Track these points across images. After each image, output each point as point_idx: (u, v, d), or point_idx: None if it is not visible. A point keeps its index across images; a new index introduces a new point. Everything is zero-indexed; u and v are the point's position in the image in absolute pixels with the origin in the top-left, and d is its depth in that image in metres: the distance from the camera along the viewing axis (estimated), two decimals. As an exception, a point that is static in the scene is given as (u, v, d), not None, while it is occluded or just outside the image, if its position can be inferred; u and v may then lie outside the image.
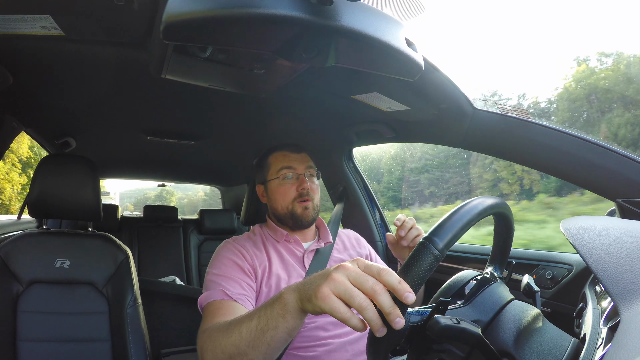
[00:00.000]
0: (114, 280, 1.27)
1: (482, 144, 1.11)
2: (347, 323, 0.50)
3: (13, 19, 0.73)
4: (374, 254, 1.26)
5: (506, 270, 0.75)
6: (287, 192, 1.08)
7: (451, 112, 1.06)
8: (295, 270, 1.05)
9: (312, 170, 1.12)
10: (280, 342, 0.61)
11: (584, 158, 0.90)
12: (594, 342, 0.51)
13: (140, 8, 0.70)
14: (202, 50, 0.81)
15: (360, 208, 1.77)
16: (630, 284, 0.39)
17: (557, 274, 1.06)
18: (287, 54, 0.67)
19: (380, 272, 0.50)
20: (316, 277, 0.55)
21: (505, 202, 0.64)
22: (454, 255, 1.39)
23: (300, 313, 0.58)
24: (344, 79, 1.02)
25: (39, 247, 1.23)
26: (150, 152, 2.16)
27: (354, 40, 0.63)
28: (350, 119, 1.38)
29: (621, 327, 0.35)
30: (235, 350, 0.65)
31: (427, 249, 0.49)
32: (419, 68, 0.74)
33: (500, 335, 0.56)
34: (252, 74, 0.93)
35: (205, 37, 0.61)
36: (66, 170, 1.25)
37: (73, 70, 1.03)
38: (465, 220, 0.53)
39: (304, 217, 1.08)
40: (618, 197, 0.87)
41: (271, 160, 1.14)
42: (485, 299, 0.61)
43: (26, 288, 1.18)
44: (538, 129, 0.96)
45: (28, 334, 1.15)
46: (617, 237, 0.49)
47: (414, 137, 1.36)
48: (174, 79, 0.95)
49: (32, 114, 1.40)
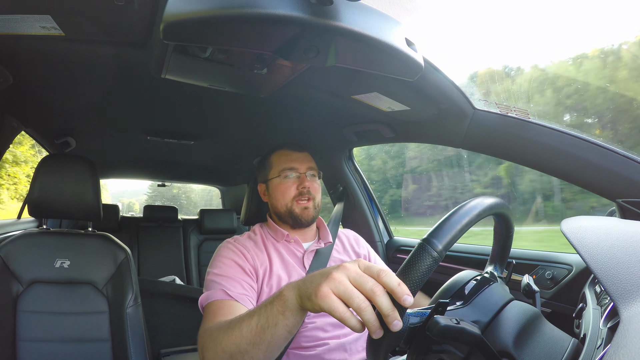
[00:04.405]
0: (114, 280, 1.27)
1: (482, 144, 1.11)
2: (345, 323, 0.50)
3: (13, 19, 0.73)
4: (373, 254, 1.26)
5: (506, 270, 0.75)
6: (288, 190, 1.09)
7: (451, 112, 1.06)
8: (296, 270, 1.05)
9: (313, 170, 1.13)
10: (280, 339, 0.61)
11: (584, 158, 0.90)
12: (594, 342, 0.51)
13: (140, 8, 0.69)
14: (202, 50, 0.81)
15: (360, 208, 1.77)
16: (630, 284, 0.39)
17: (557, 274, 1.06)
18: (287, 54, 0.67)
19: (380, 274, 0.50)
20: (316, 276, 0.55)
21: (504, 202, 0.64)
22: (454, 256, 1.39)
23: (300, 311, 0.58)
24: (344, 79, 1.02)
25: (39, 247, 1.23)
26: (150, 152, 2.17)
27: (354, 40, 0.63)
28: (350, 119, 1.38)
29: (621, 327, 0.35)
30: (236, 348, 0.65)
31: (426, 251, 0.49)
32: (419, 68, 0.74)
33: (500, 336, 0.56)
34: (252, 74, 0.93)
35: (205, 37, 0.61)
36: (66, 170, 1.25)
37: (73, 70, 1.03)
38: (464, 222, 0.53)
39: (302, 217, 1.08)
40: (618, 197, 0.87)
41: (273, 159, 1.14)
42: (485, 299, 0.61)
43: (26, 288, 1.18)
44: (538, 129, 0.96)
45: (28, 333, 1.15)
46: (617, 238, 0.49)
47: (413, 137, 1.36)
48: (174, 79, 0.95)
49: (32, 114, 1.40)
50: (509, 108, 1.01)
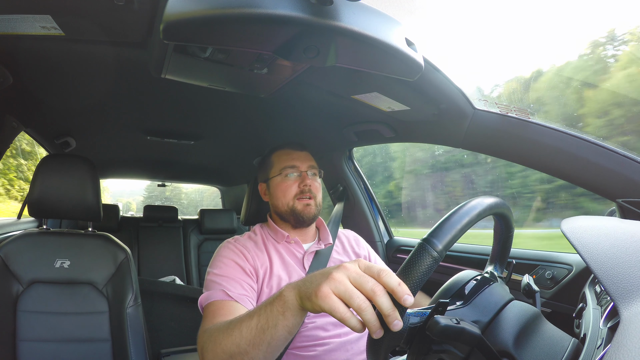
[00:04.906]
0: (114, 280, 1.27)
1: (482, 144, 1.11)
2: (345, 323, 0.50)
3: (13, 19, 0.73)
4: (373, 255, 1.26)
5: (506, 270, 0.75)
6: (289, 188, 1.09)
7: (451, 112, 1.06)
8: (296, 271, 1.05)
9: (314, 169, 1.13)
10: (280, 340, 0.61)
11: (584, 158, 0.90)
12: (594, 342, 0.51)
13: (140, 8, 0.70)
14: (202, 50, 0.81)
15: (360, 208, 1.77)
16: (630, 284, 0.39)
17: (557, 274, 1.06)
18: (287, 54, 0.67)
19: (380, 274, 0.50)
20: (317, 276, 0.55)
21: (504, 202, 0.64)
22: (454, 256, 1.39)
23: (300, 311, 0.58)
24: (344, 79, 1.02)
25: (39, 247, 1.23)
26: (150, 152, 2.17)
27: (354, 40, 0.63)
28: (350, 119, 1.38)
29: (621, 327, 0.35)
30: (236, 349, 0.65)
31: (426, 251, 0.49)
32: (419, 68, 0.74)
33: (500, 336, 0.56)
34: (252, 74, 0.93)
35: (205, 37, 0.61)
36: (66, 170, 1.25)
37: (73, 70, 1.03)
38: (464, 221, 0.53)
39: (305, 214, 1.08)
40: (618, 197, 0.87)
41: (274, 158, 1.15)
42: (485, 299, 0.61)
43: (26, 288, 1.18)
44: (538, 129, 0.96)
45: (28, 333, 1.15)
46: (617, 237, 0.49)
47: (414, 137, 1.36)
48: (174, 79, 0.95)
49: (32, 114, 1.40)
50: (509, 108, 1.01)
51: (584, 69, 2.58)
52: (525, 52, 3.05)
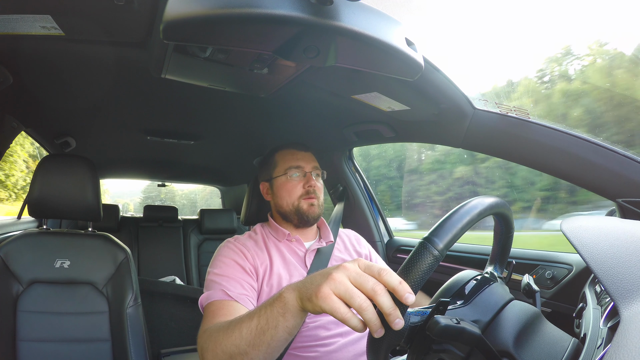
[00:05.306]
0: (114, 280, 1.27)
1: (482, 144, 1.11)
2: (346, 323, 0.50)
3: (13, 19, 0.73)
4: (374, 254, 1.26)
5: (506, 270, 0.75)
6: (294, 189, 1.09)
7: (451, 112, 1.06)
8: (297, 269, 1.05)
9: (318, 170, 1.14)
10: (280, 341, 0.61)
11: (584, 158, 0.90)
12: (594, 342, 0.51)
13: (140, 8, 0.69)
14: (202, 50, 0.81)
15: (360, 208, 1.77)
16: (630, 284, 0.39)
17: (557, 274, 1.06)
18: (287, 54, 0.67)
19: (380, 273, 0.50)
20: (316, 277, 0.55)
21: (504, 202, 0.64)
22: (454, 255, 1.39)
23: (300, 312, 0.58)
24: (344, 79, 1.02)
25: (39, 247, 1.23)
26: (150, 152, 2.16)
27: (354, 40, 0.63)
28: (350, 119, 1.38)
29: (621, 327, 0.35)
30: (235, 349, 0.65)
31: (427, 250, 0.49)
32: (419, 68, 0.74)
33: (500, 335, 0.56)
34: (252, 74, 0.93)
35: (205, 37, 0.61)
36: (66, 170, 1.25)
37: (73, 70, 1.03)
38: (465, 221, 0.53)
39: (309, 213, 1.09)
40: (618, 197, 0.87)
41: (278, 157, 1.15)
42: (485, 299, 0.61)
43: (26, 288, 1.18)
44: (538, 129, 0.96)
45: (28, 334, 1.15)
46: (617, 237, 0.49)
47: (414, 137, 1.36)
48: (174, 79, 0.95)
49: (32, 114, 1.40)
50: (509, 108, 1.01)
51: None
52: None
